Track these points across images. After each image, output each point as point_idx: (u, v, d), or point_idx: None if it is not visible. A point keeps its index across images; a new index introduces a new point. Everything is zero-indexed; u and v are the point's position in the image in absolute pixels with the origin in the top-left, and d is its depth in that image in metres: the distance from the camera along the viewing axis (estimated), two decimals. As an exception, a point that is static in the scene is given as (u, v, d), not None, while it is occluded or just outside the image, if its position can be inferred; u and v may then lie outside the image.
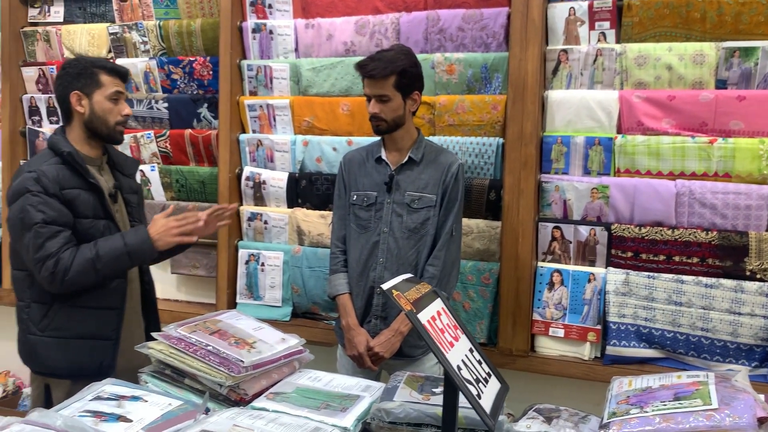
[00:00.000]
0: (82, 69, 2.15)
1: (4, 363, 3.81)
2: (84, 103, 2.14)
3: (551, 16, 2.62)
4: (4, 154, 3.56)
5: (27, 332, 2.16)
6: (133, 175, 2.38)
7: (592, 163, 2.58)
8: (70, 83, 2.14)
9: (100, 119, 2.15)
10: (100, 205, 2.14)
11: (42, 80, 3.53)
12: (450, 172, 2.28)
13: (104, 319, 2.16)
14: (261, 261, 3.07)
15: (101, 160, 2.25)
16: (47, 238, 2.02)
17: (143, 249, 2.10)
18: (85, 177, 2.11)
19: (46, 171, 2.06)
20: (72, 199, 2.07)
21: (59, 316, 2.12)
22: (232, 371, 1.59)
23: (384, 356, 2.23)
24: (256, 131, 3.12)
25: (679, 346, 2.45)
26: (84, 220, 2.10)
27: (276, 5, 3.04)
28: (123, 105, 2.19)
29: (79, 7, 3.50)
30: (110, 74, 2.17)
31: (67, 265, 2.01)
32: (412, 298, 1.24)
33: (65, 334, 2.12)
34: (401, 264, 2.27)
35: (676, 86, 2.50)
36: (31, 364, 2.20)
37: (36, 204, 2.02)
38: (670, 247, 2.48)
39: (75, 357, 2.12)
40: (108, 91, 2.15)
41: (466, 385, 1.14)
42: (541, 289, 2.63)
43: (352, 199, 2.37)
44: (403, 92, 2.23)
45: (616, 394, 1.61)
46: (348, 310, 2.32)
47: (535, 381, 2.66)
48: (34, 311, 2.14)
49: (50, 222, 2.03)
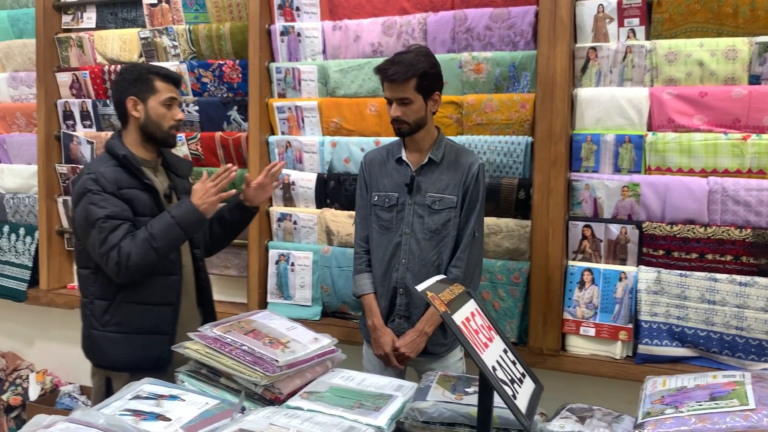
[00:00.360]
0: (137, 75, 2.25)
1: (43, 361, 3.91)
2: (139, 108, 2.24)
3: (579, 13, 2.61)
4: (39, 158, 3.65)
5: (90, 327, 2.27)
6: (187, 176, 2.48)
7: (623, 161, 2.57)
8: (126, 89, 2.25)
9: (154, 123, 2.25)
10: (155, 205, 2.23)
11: (75, 85, 3.61)
12: (471, 173, 2.28)
13: (161, 314, 2.25)
14: (291, 261, 3.10)
15: (156, 162, 2.35)
16: (110, 232, 2.11)
17: (190, 218, 2.17)
18: (140, 178, 2.22)
19: (104, 172, 2.17)
20: (130, 199, 2.18)
21: (120, 312, 2.22)
22: (267, 371, 1.62)
23: (410, 356, 2.27)
24: (285, 133, 3.15)
25: (713, 345, 2.43)
26: (142, 219, 2.19)
27: (303, 8, 3.07)
28: (176, 110, 2.29)
29: (110, 13, 3.57)
30: (164, 80, 2.27)
31: (128, 252, 2.10)
32: (446, 299, 1.25)
33: (125, 329, 2.22)
34: (423, 265, 2.29)
35: (708, 82, 2.47)
36: (92, 357, 2.31)
37: (97, 201, 2.13)
38: (702, 245, 2.45)
39: (134, 351, 2.22)
40: (162, 96, 2.25)
41: (502, 386, 1.15)
42: (571, 288, 2.62)
43: (373, 199, 2.38)
44: (424, 94, 2.23)
45: (650, 393, 1.60)
46: (373, 310, 2.35)
47: (566, 380, 2.64)
48: (97, 307, 2.24)
49: (112, 216, 2.13)
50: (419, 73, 2.19)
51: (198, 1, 3.29)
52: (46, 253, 3.66)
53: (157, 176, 2.33)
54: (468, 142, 2.73)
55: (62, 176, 3.64)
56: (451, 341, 2.39)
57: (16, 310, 3.87)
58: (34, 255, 3.71)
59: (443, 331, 2.34)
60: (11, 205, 3.80)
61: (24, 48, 3.74)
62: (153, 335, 2.23)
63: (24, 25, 3.75)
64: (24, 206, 3.76)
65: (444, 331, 2.34)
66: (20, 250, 3.75)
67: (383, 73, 2.22)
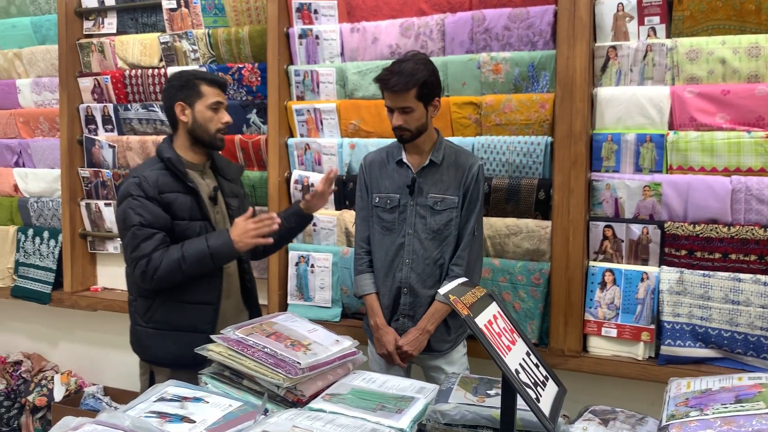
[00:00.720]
0: (184, 81, 2.33)
1: (68, 363, 3.97)
2: (187, 112, 2.32)
3: (599, 12, 2.59)
4: (63, 162, 3.70)
5: (134, 323, 2.38)
6: (236, 179, 2.54)
7: (644, 160, 2.54)
8: (174, 95, 2.33)
9: (201, 127, 2.32)
10: (197, 207, 2.30)
11: (97, 90, 3.65)
12: (471, 174, 2.33)
13: (201, 313, 2.32)
14: (310, 262, 3.11)
15: (204, 165, 2.41)
16: (143, 240, 2.21)
17: (224, 251, 2.23)
18: (184, 181, 2.28)
19: (148, 176, 2.25)
20: (170, 203, 2.25)
21: (160, 310, 2.32)
22: (290, 373, 1.63)
23: (412, 354, 2.32)
24: (303, 135, 3.17)
25: (737, 345, 2.40)
26: (181, 222, 2.27)
27: (322, 10, 3.08)
28: (223, 113, 2.35)
29: (131, 18, 3.61)
30: (210, 85, 2.33)
31: (156, 265, 2.19)
32: (468, 303, 1.25)
33: (165, 326, 2.32)
34: (427, 264, 2.34)
35: (730, 80, 2.44)
36: (137, 352, 2.42)
37: (135, 207, 2.22)
38: (726, 244, 2.43)
39: (173, 348, 2.29)
40: (209, 100, 2.32)
41: (525, 389, 1.15)
42: (593, 289, 2.61)
43: (374, 201, 2.42)
44: (425, 101, 2.26)
45: (674, 395, 1.59)
46: (375, 309, 2.39)
47: (588, 381, 2.63)
48: (140, 304, 2.34)
49: (146, 225, 2.22)
50: (420, 82, 2.22)
51: (217, 6, 3.31)
52: (69, 255, 3.71)
53: (204, 179, 2.40)
54: (487, 143, 2.73)
55: (85, 180, 3.69)
56: (455, 337, 2.43)
57: (40, 312, 3.92)
58: (57, 258, 3.76)
59: (447, 328, 2.39)
60: (35, 208, 3.86)
61: (47, 54, 3.79)
62: (192, 333, 2.27)
63: (46, 31, 3.81)
64: (48, 210, 3.82)
65: (448, 328, 2.39)
66: (44, 253, 3.80)
67: (384, 84, 2.24)
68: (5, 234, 3.92)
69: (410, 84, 2.20)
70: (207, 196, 2.35)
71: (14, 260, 3.90)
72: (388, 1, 2.94)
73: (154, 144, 3.48)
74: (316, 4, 3.08)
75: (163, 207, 2.24)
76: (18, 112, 3.92)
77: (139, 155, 3.55)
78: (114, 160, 3.63)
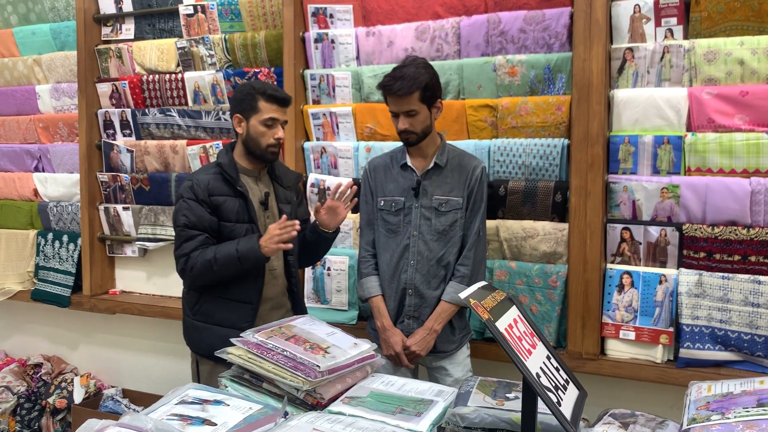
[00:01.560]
0: (245, 95, 2.41)
1: (87, 365, 4.01)
2: (243, 125, 2.42)
3: (615, 14, 2.59)
4: (81, 167, 3.74)
5: (185, 314, 2.52)
6: (292, 187, 2.61)
7: (662, 162, 2.53)
8: (235, 107, 2.43)
9: (253, 140, 2.41)
10: (245, 211, 2.40)
11: (115, 95, 3.69)
12: (474, 176, 2.40)
13: (241, 311, 2.41)
14: (327, 266, 3.12)
15: (259, 172, 2.50)
16: (186, 240, 2.36)
17: (250, 255, 2.30)
18: (234, 185, 2.39)
19: (200, 180, 2.39)
20: (219, 205, 2.37)
21: (206, 304, 2.44)
22: (309, 376, 1.63)
23: (420, 354, 2.34)
24: (319, 139, 3.18)
25: (758, 348, 2.38)
26: (227, 224, 2.39)
27: (337, 15, 3.09)
28: (276, 129, 2.41)
29: (148, 24, 3.64)
30: (269, 101, 2.39)
31: (193, 264, 2.34)
32: (489, 306, 1.25)
33: (208, 320, 2.44)
34: (432, 265, 2.38)
35: (749, 81, 2.42)
36: (186, 341, 2.54)
37: (183, 209, 2.37)
38: (745, 246, 2.41)
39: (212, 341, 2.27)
40: (263, 116, 2.38)
41: (547, 393, 1.15)
42: (610, 291, 2.60)
43: (379, 204, 2.47)
44: (428, 104, 2.33)
45: (695, 399, 1.58)
46: (382, 311, 2.43)
47: (606, 384, 2.62)
48: (191, 297, 2.48)
49: (191, 226, 2.36)
50: (422, 85, 2.29)
51: (233, 11, 3.34)
52: (88, 259, 3.75)
53: (258, 184, 2.49)
54: (503, 146, 2.73)
55: (103, 184, 3.73)
56: (459, 338, 2.45)
57: (60, 315, 3.97)
58: (77, 261, 3.80)
59: (452, 329, 2.42)
60: (54, 212, 3.90)
61: (66, 60, 3.84)
62: (231, 329, 2.27)
63: (65, 37, 3.86)
64: (67, 214, 3.86)
65: (453, 329, 2.43)
66: (64, 257, 3.85)
67: (388, 89, 2.32)
68: (25, 238, 3.97)
69: (413, 87, 2.27)
70: (258, 201, 2.44)
71: (34, 264, 3.95)
72: (403, 4, 2.95)
73: (171, 148, 3.51)
74: (332, 8, 3.09)
75: (212, 209, 2.36)
76: (38, 118, 3.97)
77: (156, 159, 3.58)
78: (132, 164, 3.67)
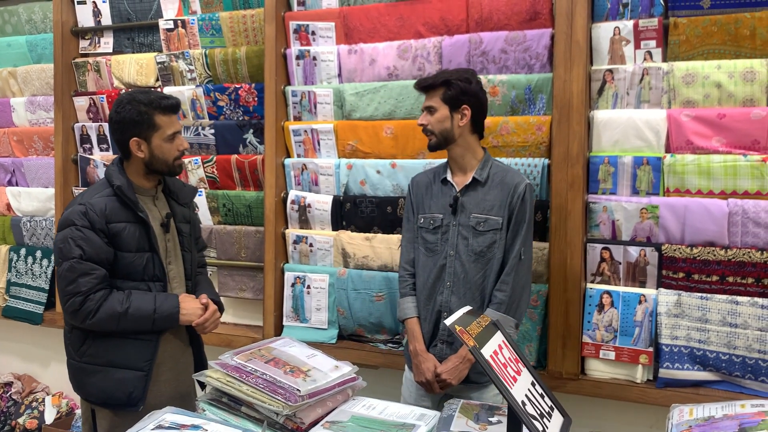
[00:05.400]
0: (137, 114, 2.14)
1: (58, 384, 3.91)
2: (143, 147, 2.16)
3: (596, 36, 2.61)
4: (57, 181, 3.68)
5: (69, 356, 2.23)
6: (189, 203, 2.41)
7: (641, 182, 2.55)
8: (128, 130, 2.15)
9: (159, 160, 2.18)
10: (145, 239, 2.16)
11: (93, 109, 3.64)
12: (516, 193, 2.22)
13: (138, 350, 2.16)
14: (307, 283, 3.10)
15: (156, 190, 2.28)
16: (81, 274, 2.06)
17: (165, 323, 2.16)
18: (134, 209, 2.15)
19: (95, 204, 2.10)
20: (117, 233, 2.11)
21: (96, 344, 2.15)
22: (289, 400, 1.61)
23: (452, 383, 2.18)
24: (300, 155, 3.16)
25: (735, 368, 2.40)
26: (127, 254, 2.13)
27: (319, 32, 3.09)
28: (180, 140, 2.21)
29: (127, 37, 3.61)
30: (165, 113, 2.17)
31: (92, 309, 2.06)
32: (474, 333, 1.24)
33: (98, 361, 2.15)
34: (468, 288, 2.24)
35: (726, 104, 2.46)
36: (75, 387, 2.24)
37: (77, 238, 2.07)
38: (723, 267, 2.43)
39: (107, 386, 2.14)
40: (166, 133, 2.17)
41: (533, 422, 1.14)
42: (590, 311, 2.60)
43: (419, 222, 2.35)
44: (450, 105, 2.23)
45: (677, 423, 1.57)
46: (416, 335, 2.29)
47: (587, 404, 2.62)
48: (75, 337, 2.18)
49: (87, 259, 2.07)
50: (442, 80, 2.23)
51: (214, 26, 3.32)
52: (62, 275, 3.67)
53: (156, 204, 2.27)
54: (484, 165, 2.73)
55: (79, 199, 3.67)
56: None
57: (32, 332, 3.88)
58: (50, 278, 3.72)
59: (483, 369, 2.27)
60: (28, 228, 3.83)
61: (42, 73, 3.78)
62: (127, 370, 2.14)
63: (42, 50, 3.80)
64: (41, 229, 3.79)
65: None
66: (37, 273, 3.77)
67: (416, 84, 2.32)
68: (-3, 253, 3.89)
69: (438, 82, 2.23)
70: (158, 224, 2.23)
71: (6, 280, 3.86)
72: (385, 23, 2.95)
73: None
74: (314, 25, 3.09)
75: (109, 237, 2.10)
76: (12, 131, 3.91)
77: (134, 175, 3.53)
78: (109, 179, 3.61)
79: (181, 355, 2.31)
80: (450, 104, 2.23)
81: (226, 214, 3.32)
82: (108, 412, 2.17)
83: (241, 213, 3.28)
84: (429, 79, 2.28)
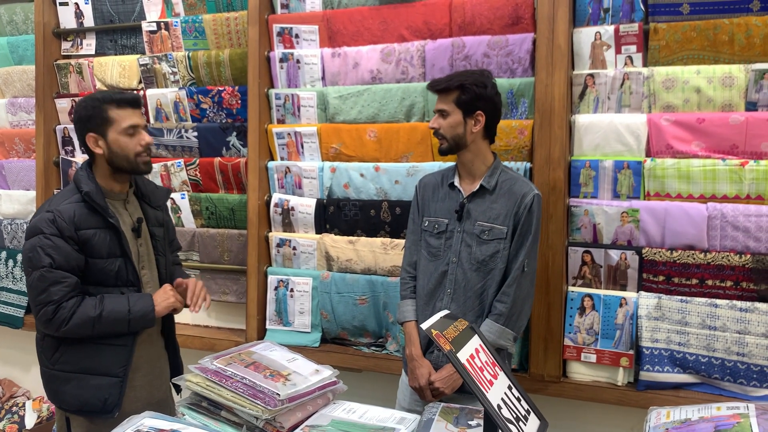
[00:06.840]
0: (91, 109, 2.09)
1: (39, 389, 3.86)
2: (101, 143, 2.10)
3: (577, 41, 2.63)
4: (38, 184, 3.64)
5: (42, 365, 2.19)
6: (162, 206, 2.36)
7: (622, 186, 2.57)
8: (84, 126, 2.11)
9: (119, 155, 2.11)
10: (117, 244, 2.12)
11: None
12: (523, 203, 2.17)
13: (112, 356, 2.13)
14: (290, 287, 3.09)
15: (127, 194, 2.22)
16: (52, 283, 2.02)
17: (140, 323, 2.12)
18: (104, 215, 2.09)
19: (64, 211, 2.05)
20: (87, 240, 2.06)
21: (69, 351, 2.11)
22: (269, 404, 1.60)
23: (445, 392, 2.14)
24: (284, 158, 3.16)
25: (715, 371, 2.42)
26: (98, 260, 2.09)
27: (303, 35, 3.09)
28: (141, 135, 2.13)
29: (110, 39, 3.58)
30: (120, 106, 2.10)
31: (66, 317, 2.02)
32: (450, 337, 1.24)
33: (72, 368, 2.11)
34: (468, 297, 2.20)
35: (705, 109, 2.48)
36: (49, 396, 2.20)
37: (46, 247, 2.02)
38: (702, 270, 2.46)
39: (82, 393, 2.11)
40: (121, 126, 2.09)
41: (508, 425, 1.14)
42: (572, 314, 2.62)
43: (423, 225, 2.31)
44: (464, 110, 2.16)
45: (654, 426, 1.59)
46: (413, 339, 2.25)
47: (568, 407, 2.63)
48: (48, 345, 2.15)
49: (57, 267, 2.02)
50: (456, 84, 2.15)
51: (197, 28, 3.31)
52: (43, 279, 3.64)
53: (128, 208, 2.21)
54: (467, 168, 2.74)
55: (60, 202, 3.64)
56: None
57: (12, 336, 3.84)
58: (31, 281, 3.68)
59: None
60: (8, 230, 3.79)
61: (23, 74, 3.75)
62: (102, 377, 2.11)
63: (23, 51, 3.77)
64: (21, 232, 3.75)
65: None
66: (17, 276, 3.73)
67: (429, 85, 2.23)
68: (-23, 256, 3.85)
69: (452, 85, 2.15)
70: (130, 229, 2.18)
71: (-14, 283, 3.82)
72: (369, 26, 2.95)
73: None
74: (298, 28, 3.09)
75: (79, 244, 2.05)
76: (-7, 133, 3.87)
77: (116, 177, 3.51)
78: (91, 182, 3.58)
79: (157, 360, 2.29)
80: (464, 109, 2.16)
81: (209, 217, 3.31)
82: (83, 420, 2.13)
83: (224, 216, 3.27)
84: (443, 80, 2.18)
